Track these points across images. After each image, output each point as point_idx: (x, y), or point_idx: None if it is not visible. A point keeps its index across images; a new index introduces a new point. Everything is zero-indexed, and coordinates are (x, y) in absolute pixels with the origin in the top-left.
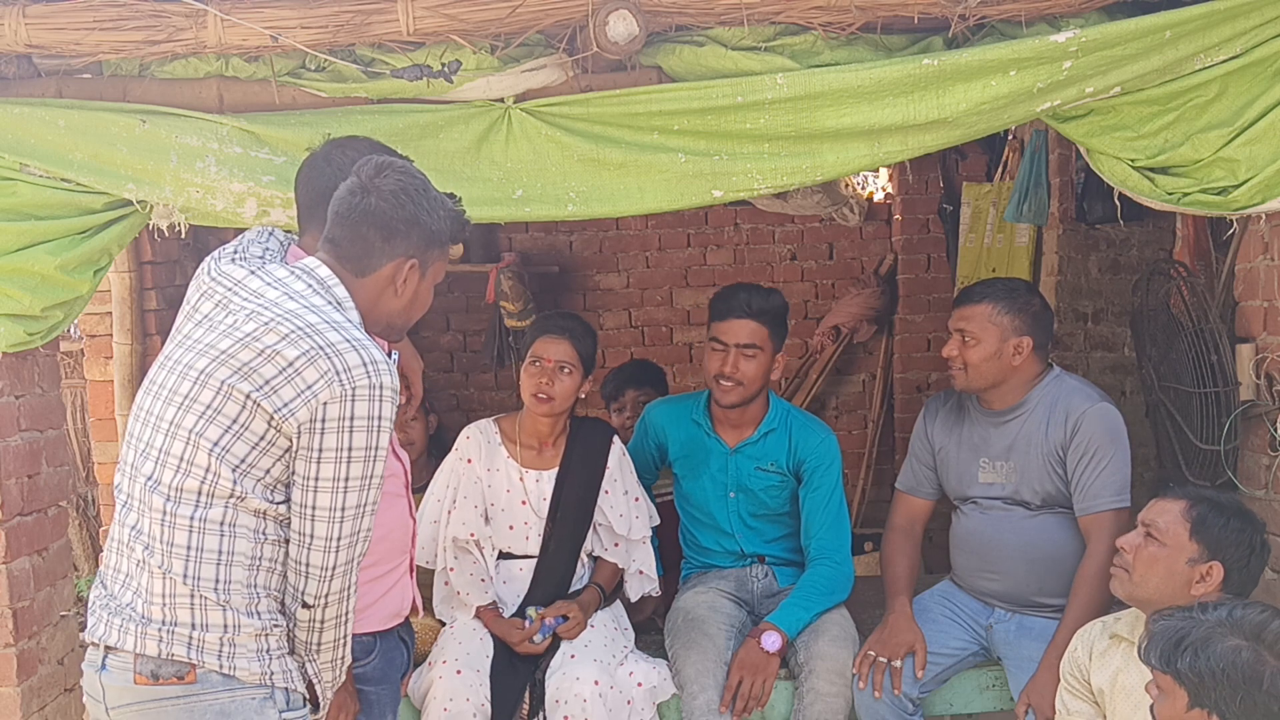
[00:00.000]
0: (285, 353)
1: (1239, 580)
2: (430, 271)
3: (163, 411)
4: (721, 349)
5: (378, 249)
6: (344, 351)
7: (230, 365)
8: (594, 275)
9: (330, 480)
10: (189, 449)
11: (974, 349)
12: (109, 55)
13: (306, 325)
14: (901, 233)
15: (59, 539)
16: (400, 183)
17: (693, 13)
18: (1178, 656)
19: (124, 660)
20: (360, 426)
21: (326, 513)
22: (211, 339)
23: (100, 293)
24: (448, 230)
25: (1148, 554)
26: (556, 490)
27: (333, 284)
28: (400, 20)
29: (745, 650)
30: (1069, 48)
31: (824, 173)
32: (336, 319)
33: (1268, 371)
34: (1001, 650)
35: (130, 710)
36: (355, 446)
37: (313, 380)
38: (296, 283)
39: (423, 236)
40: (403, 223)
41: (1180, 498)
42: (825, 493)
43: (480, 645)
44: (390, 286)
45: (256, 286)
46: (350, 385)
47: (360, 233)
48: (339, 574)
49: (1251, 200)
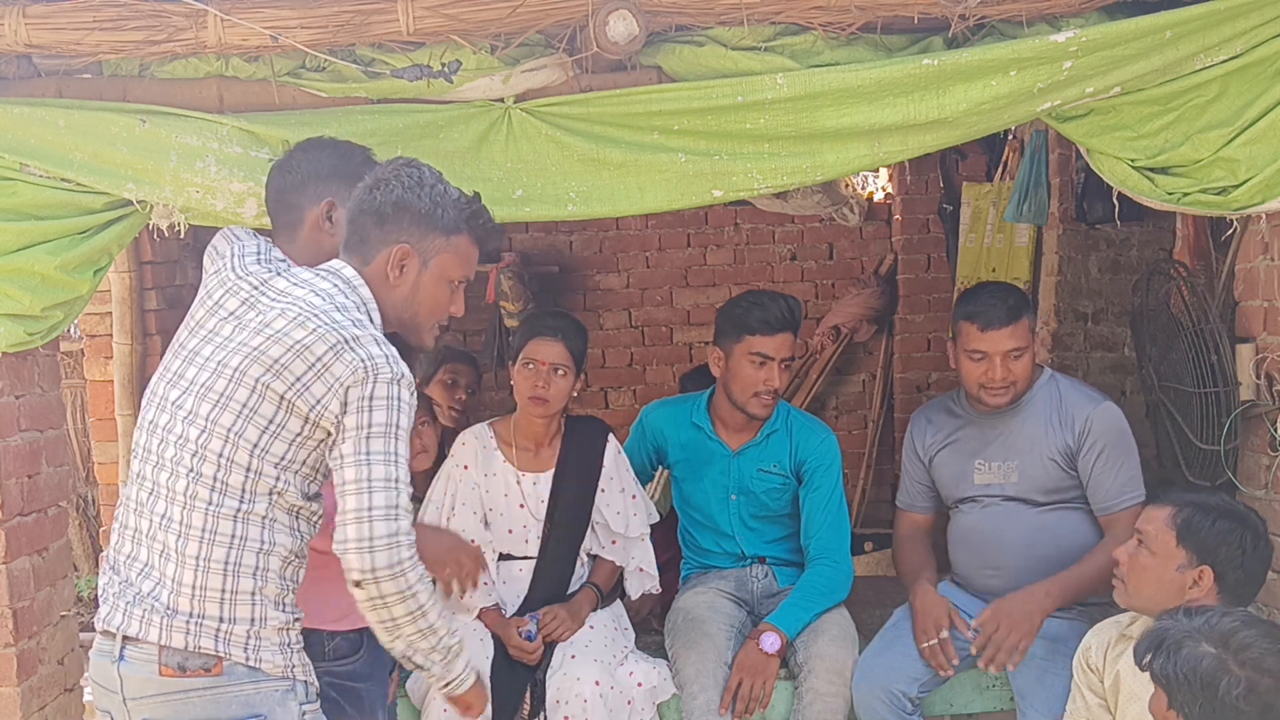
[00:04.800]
0: (314, 348)
1: (1235, 581)
2: (436, 264)
3: (195, 406)
4: (767, 363)
5: (374, 237)
6: (367, 344)
7: (262, 363)
8: (594, 275)
9: (353, 456)
10: (228, 447)
11: (1023, 363)
12: (109, 55)
13: (332, 322)
14: (901, 233)
15: (59, 539)
16: (395, 172)
17: (693, 13)
18: (1153, 657)
19: (147, 652)
20: (380, 405)
21: (354, 485)
22: (243, 337)
23: (100, 293)
24: (451, 219)
25: (1139, 563)
26: (553, 491)
27: (358, 284)
28: (400, 20)
29: (745, 652)
30: (1069, 48)
31: (824, 173)
32: (359, 317)
33: (1268, 371)
34: None
35: (153, 701)
36: (376, 424)
37: (340, 373)
38: (322, 283)
39: (414, 221)
40: (392, 206)
41: (1167, 504)
42: (825, 493)
43: (480, 646)
44: (385, 274)
45: (283, 286)
46: (374, 370)
47: (359, 225)
48: (380, 547)
49: (1251, 200)
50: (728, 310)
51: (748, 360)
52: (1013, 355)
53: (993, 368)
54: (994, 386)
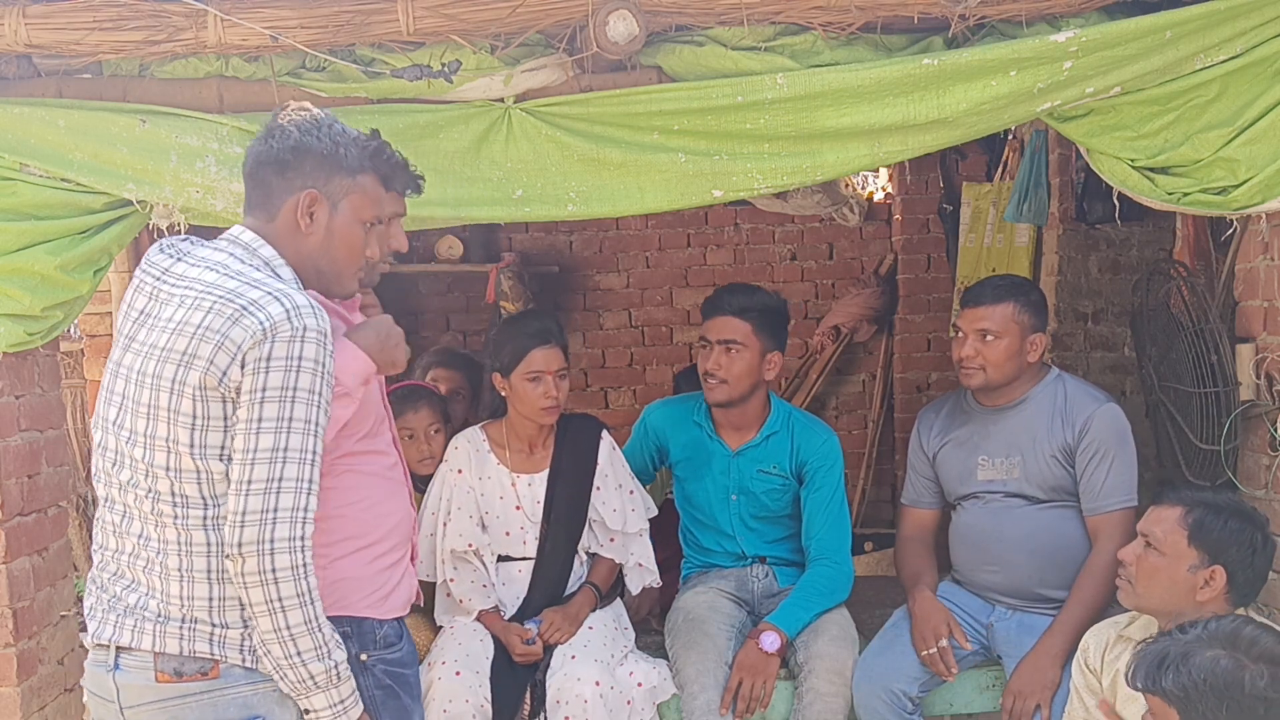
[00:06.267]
0: (212, 325)
1: (1244, 580)
2: (345, 206)
3: (132, 424)
4: (706, 346)
5: (276, 187)
6: (265, 304)
7: (172, 360)
8: (594, 275)
9: (245, 421)
10: (172, 457)
11: (996, 348)
12: (109, 55)
13: (227, 292)
14: (901, 233)
15: (59, 539)
16: (289, 118)
17: (693, 13)
18: (1161, 676)
19: (142, 659)
20: (277, 367)
21: (252, 454)
22: (153, 338)
23: (100, 293)
24: (354, 158)
25: (1149, 565)
26: (549, 491)
27: (257, 246)
28: (400, 20)
29: (745, 652)
30: (1069, 48)
31: (824, 173)
32: (256, 277)
33: (1268, 371)
34: (1002, 649)
35: (150, 708)
36: (271, 387)
37: (239, 337)
38: (218, 254)
39: (317, 164)
40: (291, 152)
41: (1176, 504)
42: (827, 493)
43: (481, 646)
44: (295, 224)
45: (181, 270)
46: (272, 330)
47: (260, 178)
48: (269, 520)
49: (1251, 200)
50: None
51: (699, 347)
52: (984, 336)
53: (963, 344)
54: (965, 366)
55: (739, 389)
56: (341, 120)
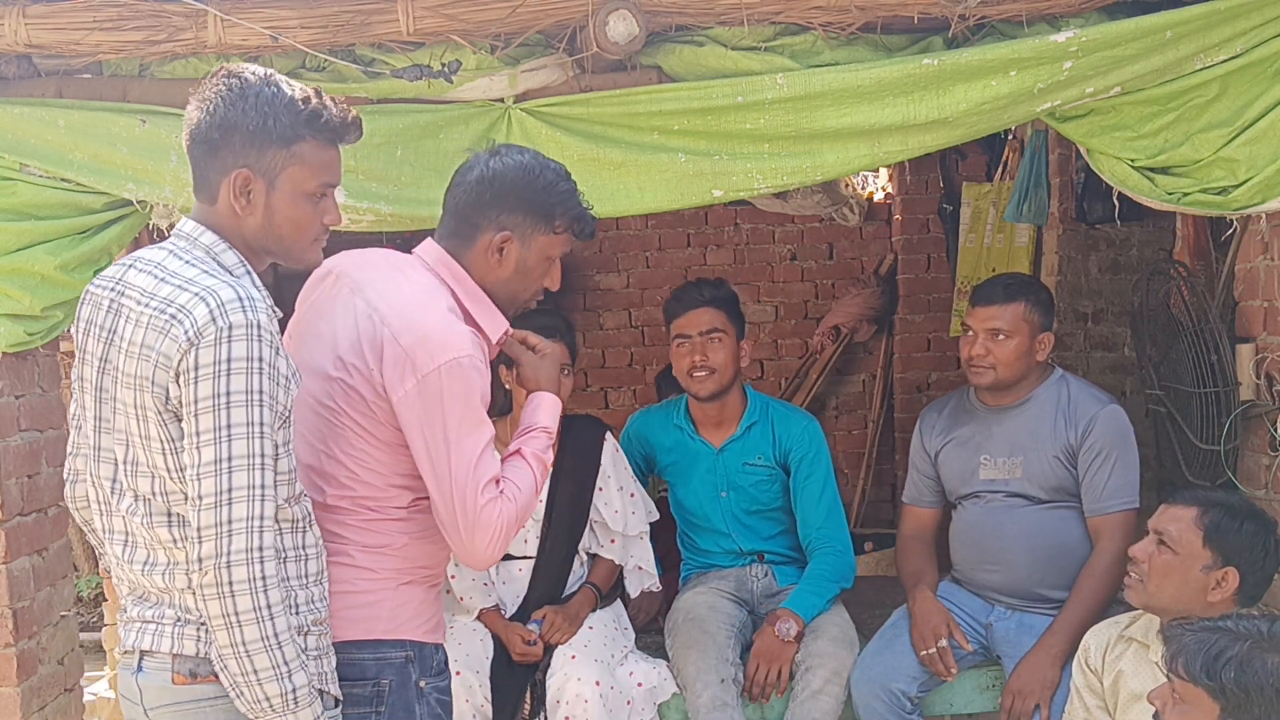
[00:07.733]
0: (149, 341)
1: (1254, 583)
2: (283, 181)
3: (114, 447)
4: (687, 341)
5: (210, 168)
6: (191, 308)
7: (129, 385)
8: (594, 275)
9: (188, 436)
10: (155, 482)
11: (1007, 347)
12: (109, 55)
13: (160, 301)
14: (901, 233)
15: (59, 539)
16: (215, 88)
17: (693, 13)
18: (1220, 671)
19: (161, 661)
20: (206, 375)
21: (197, 469)
22: (116, 359)
23: None
24: (285, 127)
25: (1161, 563)
26: (551, 491)
27: (198, 234)
28: (400, 20)
29: (762, 639)
30: (1069, 48)
31: (824, 173)
32: (189, 275)
33: (1268, 371)
34: (1001, 648)
35: (168, 710)
36: (202, 397)
37: (170, 351)
38: (160, 253)
39: (245, 140)
40: (218, 130)
41: (1191, 504)
42: (818, 482)
43: (480, 646)
44: (231, 208)
45: (133, 278)
46: (196, 337)
47: (195, 159)
48: (224, 533)
49: (1251, 200)
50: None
51: (674, 347)
52: (995, 334)
53: (974, 343)
54: (975, 364)
55: (726, 377)
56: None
